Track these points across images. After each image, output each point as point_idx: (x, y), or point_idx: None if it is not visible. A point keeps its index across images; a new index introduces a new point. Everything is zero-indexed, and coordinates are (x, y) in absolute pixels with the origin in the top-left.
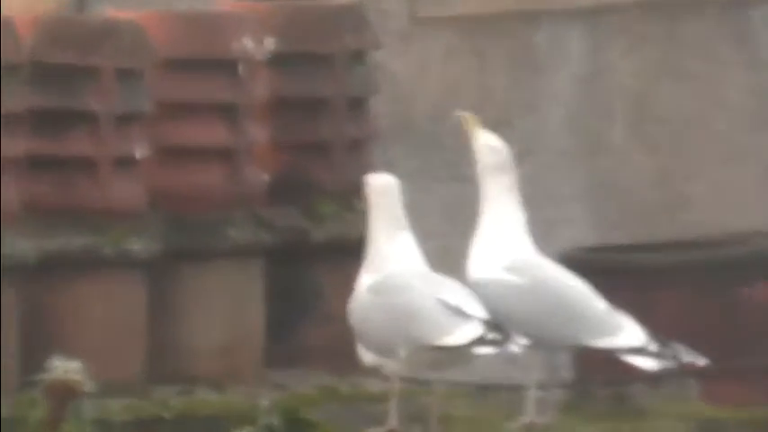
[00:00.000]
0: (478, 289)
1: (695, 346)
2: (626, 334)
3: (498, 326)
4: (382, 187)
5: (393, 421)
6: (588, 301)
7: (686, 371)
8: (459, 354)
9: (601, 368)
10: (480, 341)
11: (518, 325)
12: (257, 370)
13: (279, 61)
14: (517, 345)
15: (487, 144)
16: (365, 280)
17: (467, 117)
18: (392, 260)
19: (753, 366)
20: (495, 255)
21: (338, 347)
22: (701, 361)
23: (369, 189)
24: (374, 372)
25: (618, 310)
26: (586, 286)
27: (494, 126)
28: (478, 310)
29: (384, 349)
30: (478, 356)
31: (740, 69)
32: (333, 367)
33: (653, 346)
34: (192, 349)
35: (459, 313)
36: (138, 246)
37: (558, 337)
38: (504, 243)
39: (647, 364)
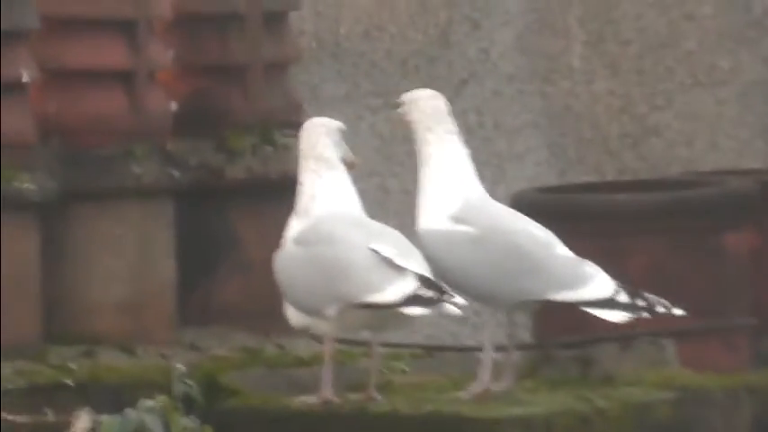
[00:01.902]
0: (424, 242)
1: (669, 302)
2: (592, 285)
3: (436, 282)
4: (307, 127)
5: (327, 389)
6: (547, 248)
7: (660, 329)
8: (391, 313)
9: (564, 328)
10: (414, 299)
11: (469, 280)
12: (169, 329)
13: None
14: (456, 304)
15: (414, 100)
16: (293, 226)
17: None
18: (322, 204)
19: (735, 326)
20: (440, 203)
21: (260, 303)
22: (677, 311)
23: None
24: (303, 332)
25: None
26: (545, 232)
27: (432, 46)
28: (415, 264)
29: (311, 307)
30: (411, 317)
31: None
32: (255, 326)
33: (622, 297)
34: (93, 304)
35: (393, 267)
36: (28, 185)
37: (513, 292)
38: (450, 189)
39: (615, 316)
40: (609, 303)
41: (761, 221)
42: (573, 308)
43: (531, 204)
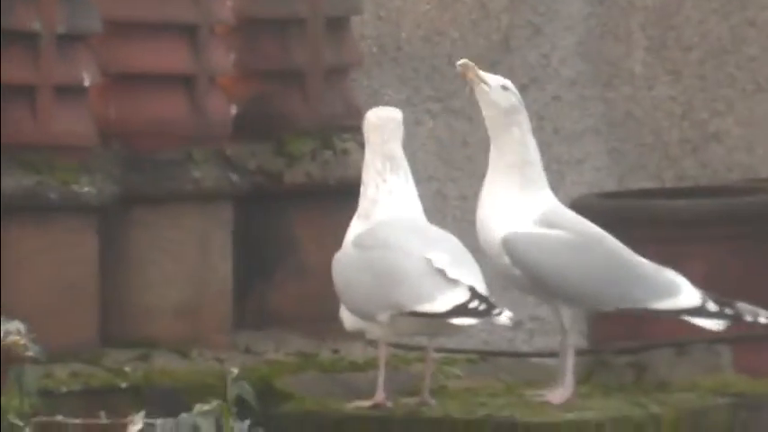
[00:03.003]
0: (512, 245)
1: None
2: (684, 293)
3: (486, 296)
4: (377, 121)
5: (380, 394)
6: (639, 259)
7: (716, 335)
8: (442, 322)
9: (618, 334)
10: (464, 310)
11: (569, 284)
12: (225, 332)
13: None
14: (506, 317)
15: (495, 87)
16: (354, 229)
17: (466, 65)
18: (380, 206)
19: None
20: (521, 207)
21: (317, 307)
22: (764, 319)
23: (364, 124)
24: (358, 336)
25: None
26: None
27: (494, 51)
28: (469, 274)
29: (365, 312)
30: (460, 327)
31: None
32: (311, 330)
33: (711, 305)
34: (150, 308)
35: (445, 277)
36: (87, 188)
37: (616, 299)
38: (530, 194)
39: (712, 325)
40: (701, 312)
41: None
42: (670, 314)
43: (591, 210)
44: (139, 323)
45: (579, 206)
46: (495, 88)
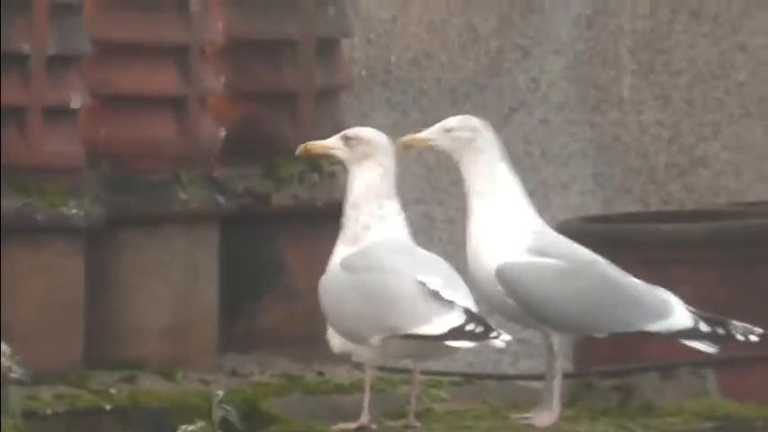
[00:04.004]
0: (506, 275)
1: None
2: (677, 314)
3: (482, 317)
4: (388, 145)
5: (365, 416)
6: (630, 279)
7: (701, 359)
8: (436, 345)
9: (604, 357)
10: (459, 333)
11: (560, 312)
12: (211, 355)
13: None
14: (502, 340)
15: (436, 137)
16: (340, 252)
17: (403, 142)
18: (372, 231)
19: None
20: (510, 236)
21: (303, 330)
22: (756, 335)
23: (356, 143)
24: (344, 359)
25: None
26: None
27: (482, 75)
28: (462, 297)
29: (355, 335)
30: (456, 349)
31: (765, 8)
32: (297, 353)
33: (703, 326)
34: (136, 330)
35: (440, 299)
36: (75, 210)
37: (609, 323)
38: (517, 222)
39: (706, 347)
40: (693, 333)
41: None
42: (664, 337)
43: (577, 233)
44: (125, 345)
45: (565, 230)
46: (437, 137)
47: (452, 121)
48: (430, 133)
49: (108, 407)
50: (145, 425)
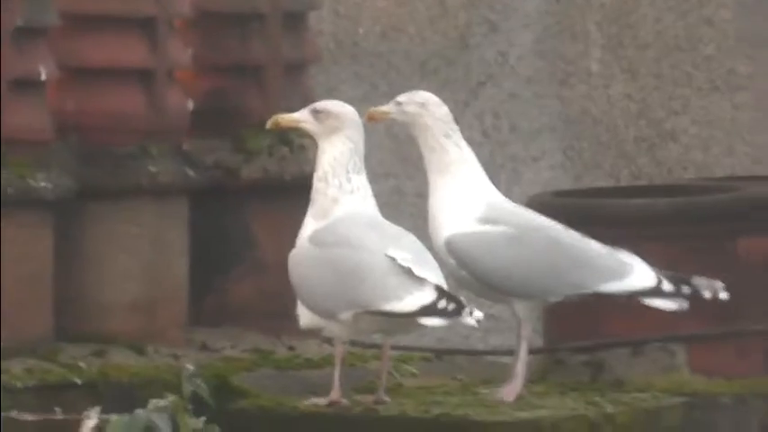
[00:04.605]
0: (455, 247)
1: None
2: (637, 274)
3: (453, 295)
4: (357, 119)
5: (336, 391)
6: (586, 242)
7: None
8: (407, 322)
9: (575, 332)
10: (431, 310)
11: (513, 279)
12: (180, 329)
13: None
14: (473, 317)
15: (406, 101)
16: (309, 226)
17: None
18: (341, 205)
19: (748, 332)
20: (463, 208)
21: (273, 304)
22: (724, 294)
23: (325, 117)
24: (314, 334)
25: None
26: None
27: (451, 48)
28: (432, 273)
29: (325, 310)
30: (424, 326)
31: None
32: (267, 327)
33: (667, 285)
34: (106, 304)
35: (411, 276)
36: (43, 182)
37: (563, 286)
38: (472, 194)
39: (666, 305)
40: (655, 292)
41: None
42: (622, 296)
43: (547, 208)
44: (95, 319)
45: (535, 204)
46: (395, 110)
47: (403, 96)
48: (389, 107)
49: (78, 381)
50: (115, 399)
